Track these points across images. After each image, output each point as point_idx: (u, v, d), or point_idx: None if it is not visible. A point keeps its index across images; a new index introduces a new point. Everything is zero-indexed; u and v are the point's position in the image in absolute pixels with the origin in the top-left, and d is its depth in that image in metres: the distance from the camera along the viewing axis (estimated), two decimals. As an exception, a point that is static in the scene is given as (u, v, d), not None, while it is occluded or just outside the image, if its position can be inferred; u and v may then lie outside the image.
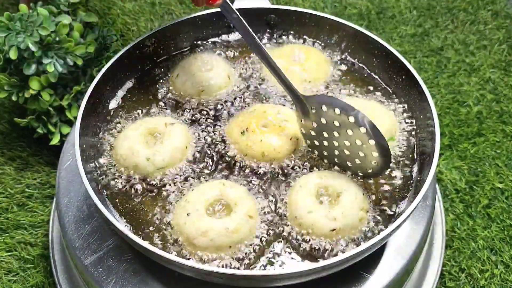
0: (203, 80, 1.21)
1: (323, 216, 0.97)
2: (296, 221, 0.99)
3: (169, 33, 1.29)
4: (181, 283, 1.00)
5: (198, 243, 0.95)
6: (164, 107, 1.20)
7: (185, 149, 1.10)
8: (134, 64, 1.26)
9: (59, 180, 1.16)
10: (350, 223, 0.98)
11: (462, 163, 1.45)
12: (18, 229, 1.31)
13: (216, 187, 1.02)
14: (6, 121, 1.51)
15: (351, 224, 0.98)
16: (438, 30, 1.81)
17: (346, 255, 0.89)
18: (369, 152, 1.00)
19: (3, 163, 1.43)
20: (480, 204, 1.37)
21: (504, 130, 1.53)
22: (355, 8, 1.88)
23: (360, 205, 1.00)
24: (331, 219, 0.97)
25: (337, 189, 1.01)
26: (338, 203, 0.99)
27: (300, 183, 1.03)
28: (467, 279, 1.25)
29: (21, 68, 1.27)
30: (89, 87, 1.13)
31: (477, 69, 1.69)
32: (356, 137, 1.00)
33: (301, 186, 1.02)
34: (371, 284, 1.01)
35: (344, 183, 1.02)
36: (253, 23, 1.35)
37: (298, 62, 1.25)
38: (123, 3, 1.89)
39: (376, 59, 1.26)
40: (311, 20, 1.32)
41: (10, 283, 1.22)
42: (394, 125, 1.15)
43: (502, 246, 1.29)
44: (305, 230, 0.98)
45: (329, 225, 0.97)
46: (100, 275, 1.01)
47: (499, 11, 1.87)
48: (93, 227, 1.07)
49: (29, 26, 1.22)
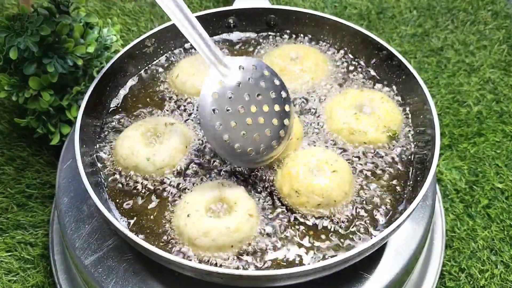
0: (203, 80, 1.21)
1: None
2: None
3: (169, 33, 1.29)
4: (181, 283, 1.00)
5: (200, 243, 0.95)
6: (164, 107, 1.20)
7: (185, 149, 1.10)
8: (134, 64, 1.26)
9: (59, 180, 1.16)
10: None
11: (462, 163, 1.46)
12: (18, 229, 1.31)
13: (216, 187, 1.02)
14: (6, 121, 1.51)
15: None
16: (438, 30, 1.81)
17: (346, 255, 0.89)
18: (281, 121, 1.02)
19: (3, 163, 1.43)
20: (480, 204, 1.37)
21: (504, 130, 1.53)
22: (355, 8, 1.88)
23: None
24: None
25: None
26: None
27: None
28: (467, 279, 1.25)
29: (21, 68, 1.27)
30: (89, 87, 1.13)
31: (477, 69, 1.69)
32: (276, 103, 1.02)
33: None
34: (371, 284, 1.01)
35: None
36: (253, 23, 1.36)
37: (298, 62, 1.25)
38: (123, 3, 1.89)
39: (376, 59, 1.26)
40: (311, 20, 1.32)
41: (10, 283, 1.22)
42: (400, 120, 1.16)
43: (502, 246, 1.29)
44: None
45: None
46: (100, 275, 1.01)
47: (499, 11, 1.87)
48: (93, 227, 1.07)
49: (29, 26, 1.22)
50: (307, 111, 1.18)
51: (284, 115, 1.04)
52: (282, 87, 1.04)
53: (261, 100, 1.02)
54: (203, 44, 1.00)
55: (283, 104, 1.04)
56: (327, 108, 1.18)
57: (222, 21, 1.34)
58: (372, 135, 1.12)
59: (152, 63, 1.30)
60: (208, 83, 1.00)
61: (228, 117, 0.99)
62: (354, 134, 1.12)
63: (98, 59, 1.38)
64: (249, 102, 1.01)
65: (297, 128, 1.11)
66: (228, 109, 0.99)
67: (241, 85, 1.01)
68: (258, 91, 1.02)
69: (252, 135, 1.01)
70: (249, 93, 1.01)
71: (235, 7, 1.34)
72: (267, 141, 1.02)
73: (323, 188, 1.00)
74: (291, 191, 1.01)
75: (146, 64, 1.29)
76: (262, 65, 1.04)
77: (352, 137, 1.12)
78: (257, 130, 1.01)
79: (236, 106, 1.00)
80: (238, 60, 1.03)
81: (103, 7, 1.86)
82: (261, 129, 1.02)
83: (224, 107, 0.99)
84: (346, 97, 1.18)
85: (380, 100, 1.16)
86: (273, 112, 1.03)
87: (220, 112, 0.99)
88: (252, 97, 1.01)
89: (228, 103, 0.99)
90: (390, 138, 1.13)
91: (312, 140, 1.13)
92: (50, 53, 1.26)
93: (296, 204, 1.02)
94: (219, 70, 1.01)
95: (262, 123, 1.02)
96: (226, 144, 0.99)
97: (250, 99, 1.01)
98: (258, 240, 0.98)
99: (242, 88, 1.01)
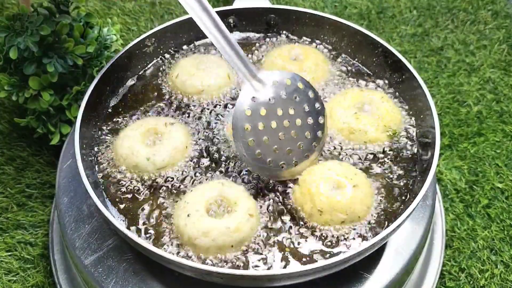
0: (203, 80, 1.21)
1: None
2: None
3: (169, 33, 1.29)
4: (181, 283, 1.00)
5: (200, 243, 0.95)
6: (164, 107, 1.20)
7: (185, 149, 1.10)
8: (134, 64, 1.26)
9: (59, 180, 1.16)
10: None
11: (462, 163, 1.45)
12: (18, 229, 1.31)
13: (216, 187, 1.02)
14: (6, 121, 1.51)
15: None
16: (438, 30, 1.81)
17: (346, 255, 0.89)
18: (314, 133, 1.04)
19: (3, 163, 1.43)
20: (480, 204, 1.37)
21: (504, 130, 1.53)
22: (355, 8, 1.88)
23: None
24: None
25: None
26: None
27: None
28: (467, 279, 1.25)
29: (21, 68, 1.27)
30: (89, 87, 1.13)
31: (477, 69, 1.69)
32: (310, 115, 1.03)
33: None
34: (371, 284, 1.01)
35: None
36: (253, 23, 1.36)
37: (298, 62, 1.25)
38: (123, 3, 1.89)
39: (376, 59, 1.26)
40: (311, 20, 1.32)
41: (10, 283, 1.22)
42: (400, 119, 1.15)
43: (502, 246, 1.29)
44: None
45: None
46: (100, 275, 1.01)
47: (499, 11, 1.87)
48: (93, 227, 1.07)
49: (29, 26, 1.22)
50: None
51: (317, 127, 1.05)
52: (316, 99, 1.05)
53: (294, 114, 1.03)
54: (238, 60, 1.02)
55: (317, 116, 1.05)
56: (327, 108, 1.18)
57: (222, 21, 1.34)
58: (372, 134, 1.12)
59: (152, 63, 1.30)
60: (242, 98, 1.01)
61: (260, 133, 1.01)
62: (354, 134, 1.12)
63: (98, 58, 1.38)
64: (282, 117, 1.02)
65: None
66: (261, 125, 1.00)
67: (274, 100, 1.03)
68: (292, 105, 1.03)
69: (284, 149, 1.02)
70: (282, 108, 1.03)
71: (235, 7, 1.34)
72: (299, 154, 1.04)
73: (346, 205, 0.99)
74: (313, 209, 1.00)
75: (146, 63, 1.29)
76: (297, 78, 1.05)
77: (352, 137, 1.12)
78: (290, 145, 1.03)
79: (269, 122, 1.01)
80: (272, 75, 1.04)
81: (103, 7, 1.86)
82: (293, 143, 1.03)
83: (257, 124, 1.00)
84: (346, 97, 1.17)
85: (380, 100, 1.16)
86: (306, 125, 1.04)
87: (253, 129, 1.00)
88: (285, 111, 1.03)
89: (261, 119, 1.01)
90: (390, 138, 1.13)
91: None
92: (50, 53, 1.26)
93: (319, 223, 1.00)
94: (253, 85, 1.02)
95: (294, 137, 1.03)
96: (258, 159, 1.00)
97: (283, 113, 1.03)
98: (258, 240, 0.98)
99: (276, 103, 1.02)
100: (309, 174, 1.04)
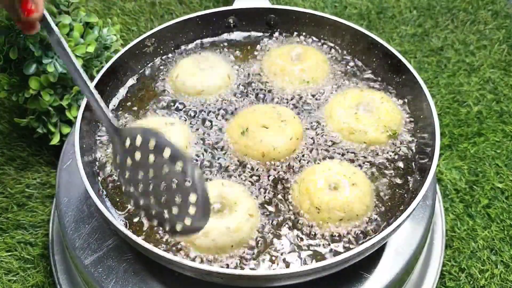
0: (203, 80, 1.21)
1: None
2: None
3: (169, 33, 1.29)
4: (181, 283, 1.00)
5: (200, 243, 0.95)
6: (164, 107, 1.20)
7: (185, 149, 1.10)
8: (134, 64, 1.26)
9: (59, 180, 1.16)
10: None
11: (462, 163, 1.45)
12: (18, 229, 1.31)
13: (215, 187, 1.02)
14: (6, 121, 1.51)
15: None
16: (438, 30, 1.81)
17: (346, 255, 0.89)
18: (187, 197, 0.81)
19: (3, 163, 1.43)
20: (480, 204, 1.37)
21: (504, 130, 1.53)
22: (355, 8, 1.88)
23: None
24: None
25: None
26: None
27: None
28: (467, 279, 1.25)
29: (21, 68, 1.27)
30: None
31: (477, 69, 1.69)
32: (173, 176, 0.82)
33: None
34: (371, 284, 1.01)
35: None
36: (253, 23, 1.36)
37: (298, 62, 1.25)
38: (123, 3, 1.89)
39: (376, 59, 1.26)
40: (311, 20, 1.32)
41: (10, 283, 1.22)
42: (400, 119, 1.15)
43: (502, 246, 1.29)
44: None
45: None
46: (100, 275, 1.01)
47: (499, 11, 1.87)
48: (93, 227, 1.07)
49: (29, 26, 1.21)
50: (307, 111, 1.18)
51: (187, 189, 0.81)
52: (174, 158, 0.82)
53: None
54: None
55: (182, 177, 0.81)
56: (327, 108, 1.18)
57: (222, 21, 1.34)
58: (372, 134, 1.12)
59: (152, 63, 1.30)
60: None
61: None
62: (354, 134, 1.12)
63: (98, 59, 1.38)
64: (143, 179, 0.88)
65: (297, 128, 1.11)
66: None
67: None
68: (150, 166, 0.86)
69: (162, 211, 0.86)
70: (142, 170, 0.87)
71: (235, 7, 1.34)
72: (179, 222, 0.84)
73: (344, 203, 0.99)
74: (311, 207, 1.00)
75: (146, 63, 1.29)
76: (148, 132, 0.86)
77: (352, 137, 1.12)
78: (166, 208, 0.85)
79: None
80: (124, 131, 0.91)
81: (103, 7, 1.86)
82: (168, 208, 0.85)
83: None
84: (346, 97, 1.18)
85: (380, 100, 1.16)
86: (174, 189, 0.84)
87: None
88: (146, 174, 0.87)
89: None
90: (390, 138, 1.13)
91: (312, 140, 1.13)
92: (50, 53, 1.26)
93: (317, 221, 1.00)
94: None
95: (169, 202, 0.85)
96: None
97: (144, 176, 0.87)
98: (258, 240, 0.98)
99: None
100: (308, 173, 1.04)
